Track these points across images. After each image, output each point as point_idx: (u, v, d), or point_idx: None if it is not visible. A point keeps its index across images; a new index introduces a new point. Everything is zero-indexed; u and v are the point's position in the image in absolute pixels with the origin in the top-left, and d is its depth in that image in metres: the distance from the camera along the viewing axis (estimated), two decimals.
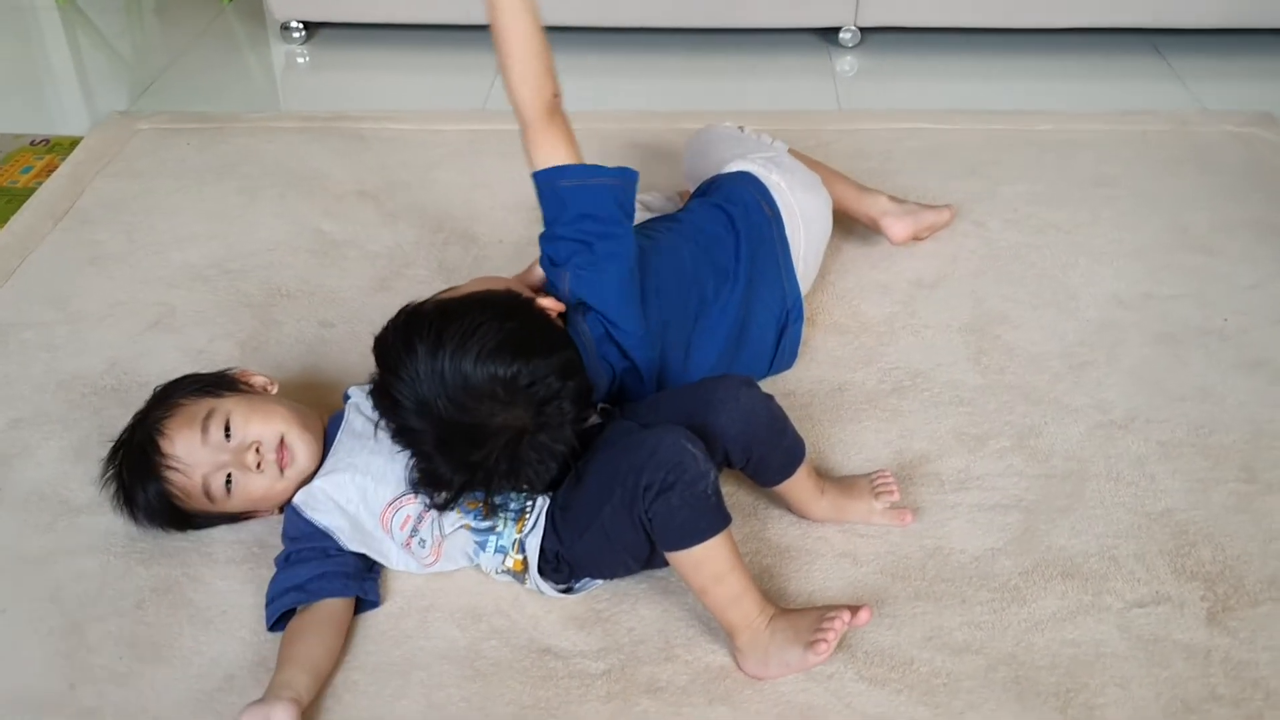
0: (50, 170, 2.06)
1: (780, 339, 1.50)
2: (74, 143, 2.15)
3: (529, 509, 1.21)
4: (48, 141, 2.18)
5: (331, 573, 1.22)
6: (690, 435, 1.15)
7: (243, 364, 1.51)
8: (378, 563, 1.26)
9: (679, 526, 1.12)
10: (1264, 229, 1.85)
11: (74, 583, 1.28)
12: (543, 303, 1.27)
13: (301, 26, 2.57)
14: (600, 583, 1.25)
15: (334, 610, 1.20)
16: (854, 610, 1.15)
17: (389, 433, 1.19)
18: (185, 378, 1.36)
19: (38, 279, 1.78)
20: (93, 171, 2.05)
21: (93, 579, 1.28)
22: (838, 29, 2.50)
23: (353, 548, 1.24)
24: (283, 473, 1.27)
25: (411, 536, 1.23)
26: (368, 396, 1.25)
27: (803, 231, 1.55)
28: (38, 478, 1.42)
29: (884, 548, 1.30)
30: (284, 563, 1.24)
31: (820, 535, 1.32)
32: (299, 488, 1.26)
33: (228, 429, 1.26)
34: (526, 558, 1.21)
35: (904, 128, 2.15)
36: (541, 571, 1.22)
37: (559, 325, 1.27)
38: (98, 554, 1.31)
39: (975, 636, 1.20)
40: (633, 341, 1.31)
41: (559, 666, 1.18)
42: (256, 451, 1.25)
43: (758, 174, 1.55)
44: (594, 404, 1.28)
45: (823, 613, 1.16)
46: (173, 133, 2.17)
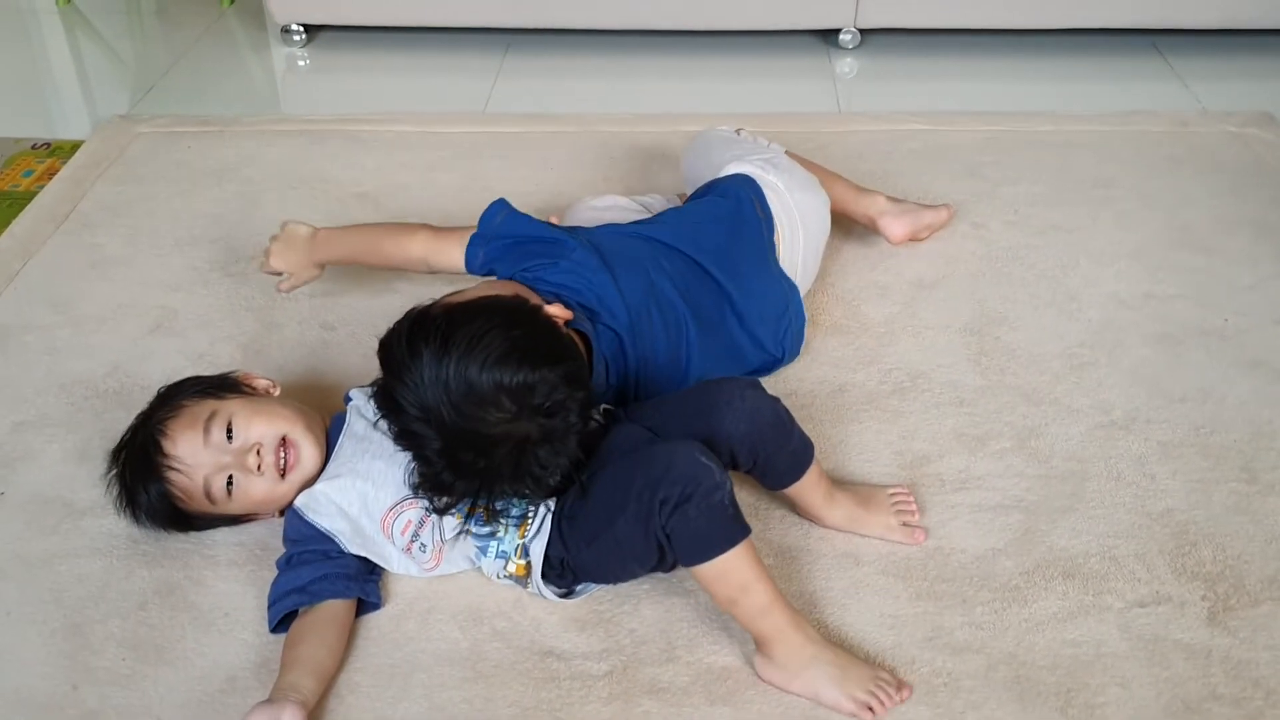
0: (51, 174, 2.06)
1: (784, 336, 1.50)
2: (75, 146, 2.15)
3: (531, 515, 1.21)
4: (49, 145, 2.18)
5: (333, 574, 1.22)
6: (704, 448, 1.14)
7: (244, 367, 1.51)
8: (379, 565, 1.27)
9: (699, 539, 1.12)
10: (1264, 228, 1.85)
11: (77, 584, 1.28)
12: (550, 310, 1.27)
13: (302, 29, 2.57)
14: (600, 587, 1.25)
15: (336, 612, 1.21)
16: (902, 685, 1.14)
17: (391, 436, 1.19)
18: (188, 380, 1.37)
19: (39, 282, 1.78)
20: (94, 175, 2.05)
21: (95, 581, 1.29)
22: (837, 30, 2.50)
23: (354, 551, 1.24)
24: (284, 476, 1.27)
25: (412, 541, 1.23)
26: (369, 399, 1.25)
27: (801, 232, 1.55)
28: (40, 480, 1.42)
29: (885, 548, 1.30)
30: (285, 565, 1.24)
31: (821, 535, 1.32)
32: (301, 490, 1.26)
33: (230, 431, 1.26)
34: (529, 562, 1.21)
35: (904, 129, 2.15)
36: (545, 577, 1.22)
37: (565, 333, 1.26)
38: (100, 556, 1.31)
39: (976, 636, 1.20)
40: (618, 313, 1.34)
41: (561, 668, 1.18)
42: (258, 454, 1.25)
43: (755, 175, 1.56)
44: (596, 404, 1.28)
45: (875, 673, 1.14)
46: (173, 136, 2.18)
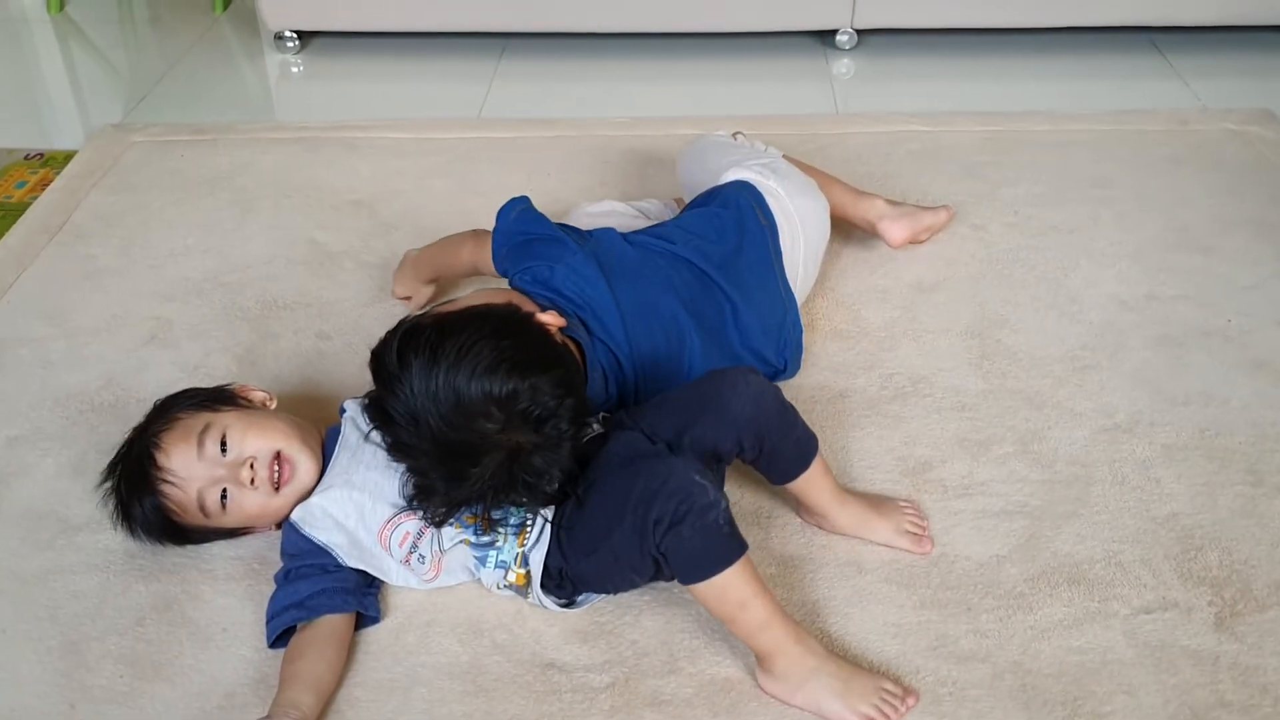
0: (45, 184, 2.05)
1: (783, 348, 1.49)
2: (68, 156, 2.14)
3: (529, 523, 1.20)
4: (42, 155, 2.17)
5: (331, 589, 1.21)
6: (700, 467, 1.13)
7: (240, 378, 1.50)
8: (377, 578, 1.25)
9: (694, 559, 1.10)
10: (1264, 227, 1.84)
11: (73, 601, 1.27)
12: (542, 318, 1.26)
13: (295, 36, 2.55)
14: (602, 597, 1.24)
15: (335, 626, 1.20)
16: (907, 693, 1.13)
17: (384, 447, 1.18)
18: (184, 392, 1.36)
19: (33, 294, 1.77)
20: (87, 185, 2.04)
21: (91, 597, 1.27)
22: (834, 31, 2.49)
23: (351, 564, 1.23)
24: (278, 489, 1.26)
25: (411, 553, 1.22)
26: (362, 411, 1.24)
27: (801, 237, 1.54)
28: (35, 495, 1.41)
29: (888, 556, 1.29)
30: (283, 579, 1.23)
31: (824, 544, 1.31)
32: (296, 503, 1.25)
33: (224, 444, 1.25)
34: (529, 571, 1.20)
35: (902, 130, 2.14)
36: (544, 586, 1.21)
37: (558, 340, 1.26)
38: (96, 572, 1.30)
39: (981, 645, 1.19)
40: (612, 326, 1.33)
41: (562, 680, 1.17)
42: (251, 467, 1.24)
43: (755, 182, 1.54)
44: (594, 412, 1.27)
45: (879, 684, 1.12)
46: (167, 145, 2.16)
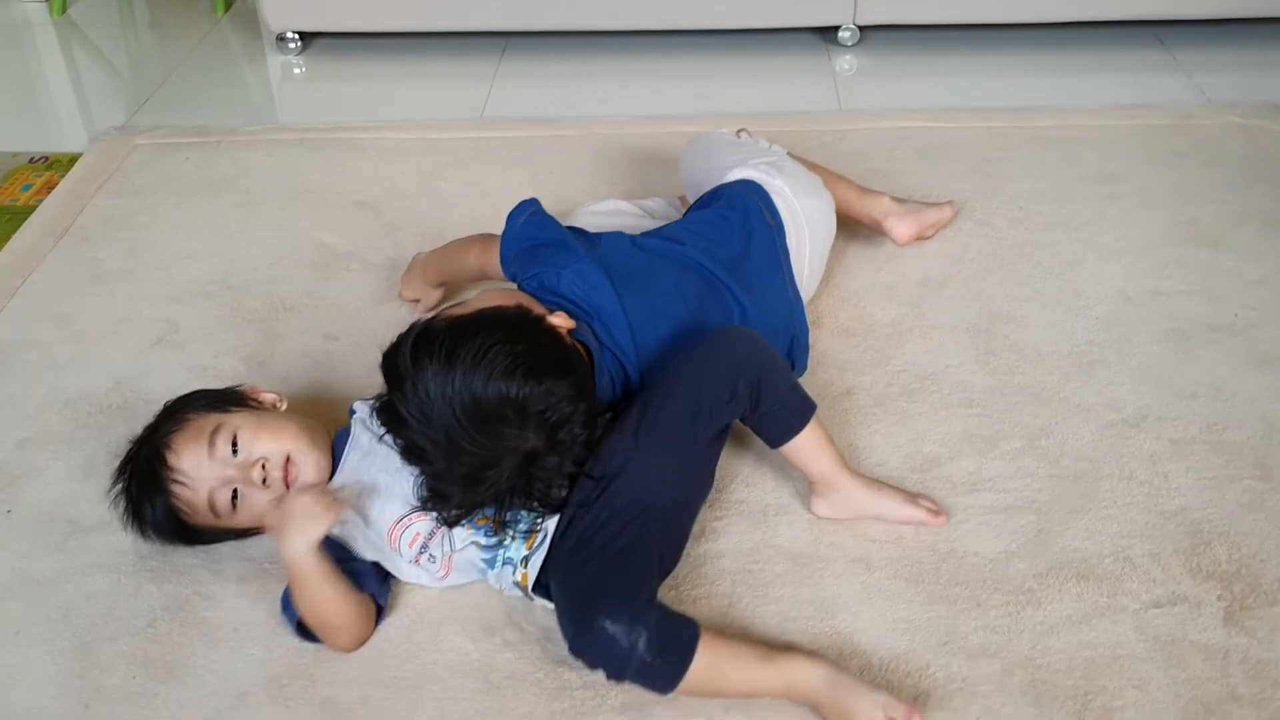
0: (50, 188, 2.06)
1: (791, 347, 1.49)
2: (73, 159, 2.15)
3: (538, 528, 1.20)
4: (46, 159, 2.17)
5: (347, 570, 1.20)
6: (628, 606, 1.10)
7: (248, 379, 1.50)
8: (391, 573, 1.26)
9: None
10: (1270, 221, 1.84)
11: (85, 603, 1.27)
12: (553, 320, 1.27)
13: (297, 37, 2.55)
14: None
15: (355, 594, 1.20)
16: (911, 712, 1.09)
17: (397, 450, 1.18)
18: (195, 393, 1.36)
19: (40, 298, 1.77)
20: (92, 188, 2.04)
21: (104, 598, 1.28)
22: (836, 28, 2.49)
23: (368, 556, 1.23)
24: (289, 490, 1.26)
25: (421, 553, 1.23)
26: (372, 412, 1.24)
27: (807, 236, 1.54)
28: (46, 498, 1.41)
29: (897, 553, 1.30)
30: None
31: (832, 541, 1.31)
32: None
33: (235, 445, 1.25)
34: (529, 573, 1.20)
35: (905, 126, 2.14)
36: (540, 591, 1.21)
37: (570, 344, 1.26)
38: (108, 573, 1.31)
39: (991, 640, 1.20)
40: (619, 333, 1.33)
41: (573, 678, 1.17)
42: (263, 468, 1.24)
43: (760, 180, 1.54)
44: (602, 414, 1.27)
45: (886, 700, 1.09)
46: (171, 147, 2.17)
